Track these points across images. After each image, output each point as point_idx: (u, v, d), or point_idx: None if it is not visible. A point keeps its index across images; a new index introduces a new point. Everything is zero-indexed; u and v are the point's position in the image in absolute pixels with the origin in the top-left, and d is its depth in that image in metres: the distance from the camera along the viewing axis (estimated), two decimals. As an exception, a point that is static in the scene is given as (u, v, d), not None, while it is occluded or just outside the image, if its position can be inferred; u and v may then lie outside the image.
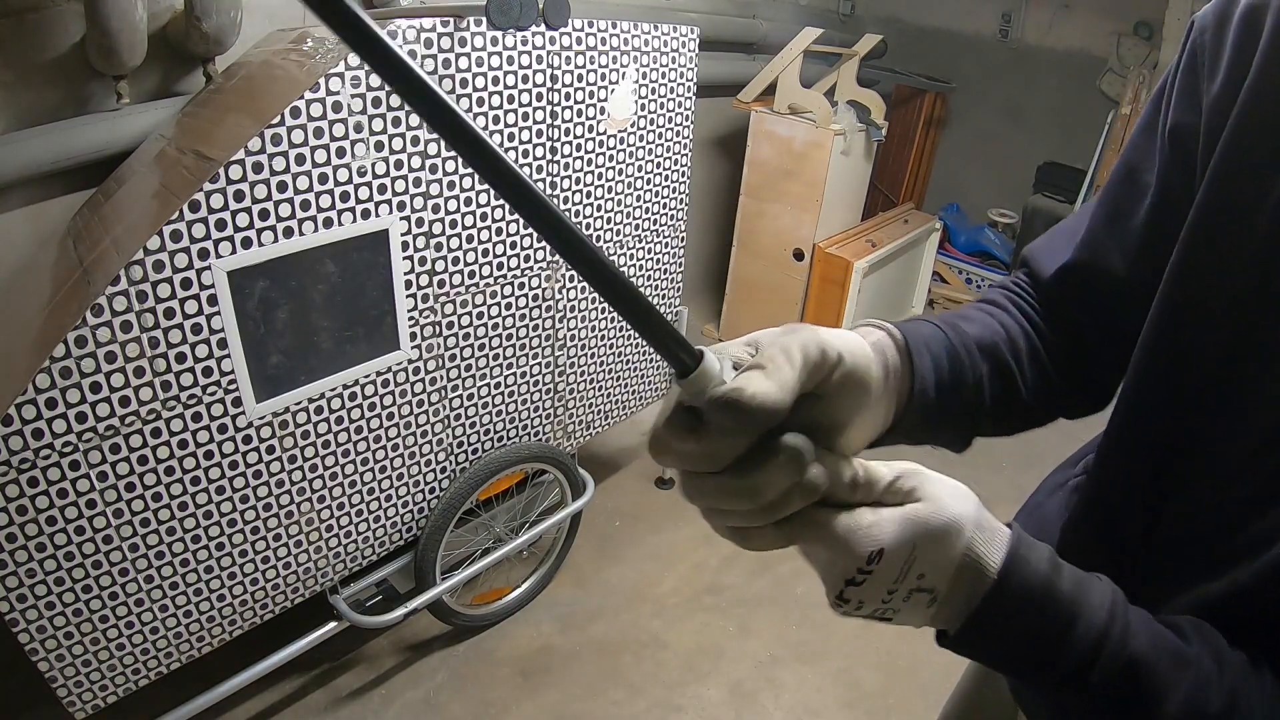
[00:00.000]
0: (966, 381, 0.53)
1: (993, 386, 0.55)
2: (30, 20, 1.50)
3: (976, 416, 0.55)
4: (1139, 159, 0.54)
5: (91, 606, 1.19)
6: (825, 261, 2.99)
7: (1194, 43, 0.49)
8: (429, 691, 1.77)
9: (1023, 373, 0.57)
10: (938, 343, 0.52)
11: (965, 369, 0.53)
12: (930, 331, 0.53)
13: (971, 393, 0.54)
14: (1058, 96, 3.59)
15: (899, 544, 0.39)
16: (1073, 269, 0.58)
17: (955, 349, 0.53)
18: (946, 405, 0.52)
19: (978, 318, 0.58)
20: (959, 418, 0.55)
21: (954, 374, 0.52)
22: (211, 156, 1.17)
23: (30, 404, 1.02)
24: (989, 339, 0.56)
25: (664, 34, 1.73)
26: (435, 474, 1.63)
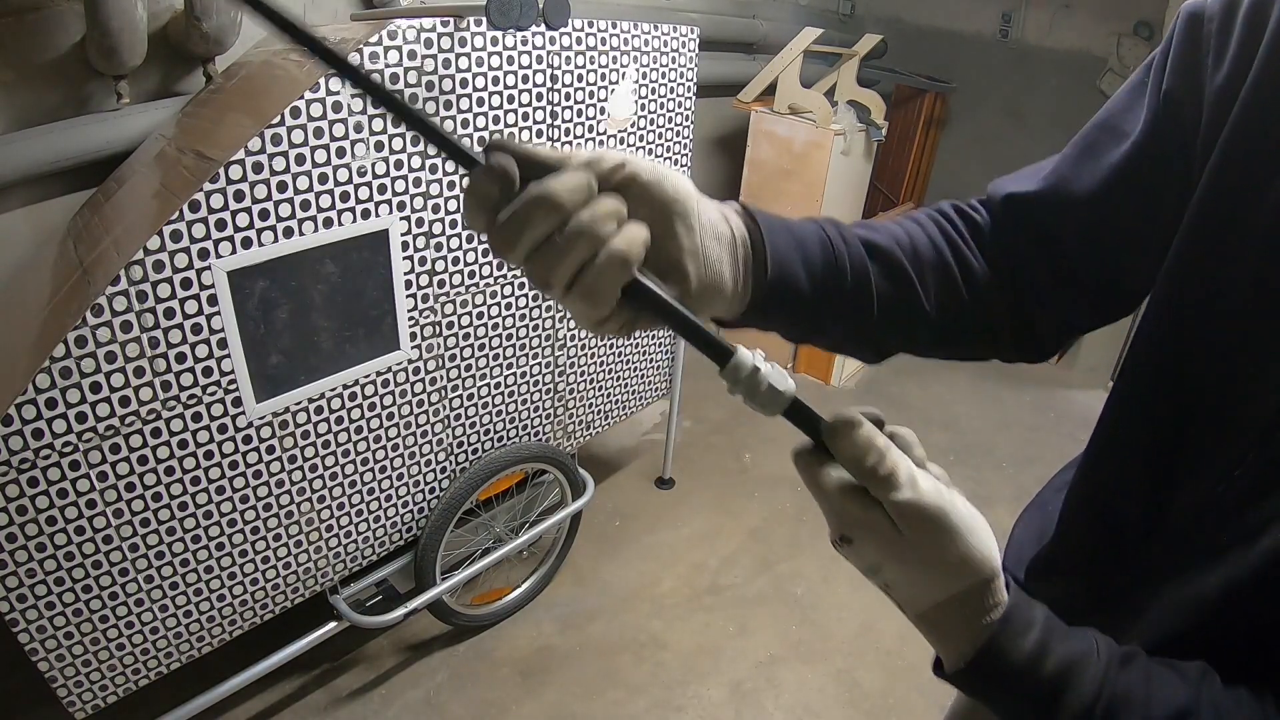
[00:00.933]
0: (845, 275, 0.52)
1: (882, 288, 0.53)
2: (30, 20, 1.50)
3: (866, 316, 0.53)
4: (1120, 110, 0.54)
5: (91, 606, 1.19)
6: (825, 261, 2.99)
7: (1197, 26, 0.49)
8: (429, 691, 1.77)
9: (923, 282, 0.54)
10: (807, 232, 0.51)
11: (844, 263, 0.52)
12: (802, 223, 0.52)
13: (853, 289, 0.52)
14: (1058, 96, 3.59)
15: (878, 553, 0.42)
16: (1030, 197, 0.57)
17: (830, 241, 0.52)
18: (822, 296, 0.51)
19: (879, 226, 0.56)
20: (843, 313, 0.53)
21: (827, 265, 0.51)
22: (211, 156, 1.17)
23: (30, 404, 1.02)
24: (883, 243, 0.54)
25: (664, 34, 1.73)
26: (435, 474, 1.64)
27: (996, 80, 3.77)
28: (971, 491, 2.53)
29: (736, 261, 0.47)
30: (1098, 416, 0.58)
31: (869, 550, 0.42)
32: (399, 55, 1.25)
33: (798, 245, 0.50)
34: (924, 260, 0.55)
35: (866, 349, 0.58)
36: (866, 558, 0.43)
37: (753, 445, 2.75)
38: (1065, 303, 0.57)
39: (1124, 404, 0.54)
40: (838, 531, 0.43)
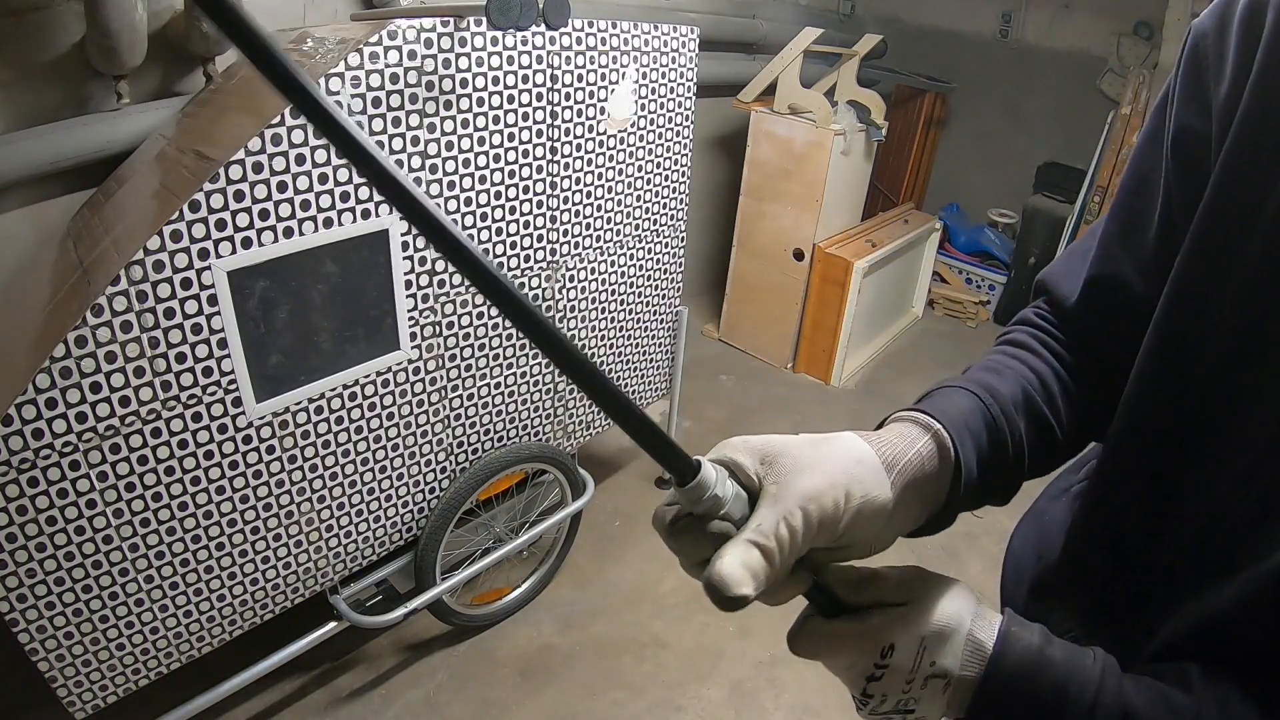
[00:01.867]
0: (1007, 449, 0.52)
1: (1031, 442, 0.54)
2: (30, 20, 1.50)
3: (1018, 474, 0.55)
4: (1147, 169, 0.54)
5: (91, 606, 1.19)
6: (825, 261, 2.99)
7: (1196, 49, 0.49)
8: (429, 691, 1.77)
9: (1058, 418, 0.56)
10: (977, 419, 0.51)
11: (1005, 437, 0.52)
12: (968, 407, 0.52)
13: (1013, 458, 0.53)
14: (1058, 96, 3.59)
15: (908, 636, 0.43)
16: (1092, 286, 0.57)
17: (994, 419, 0.52)
18: (989, 477, 0.51)
19: (1008, 370, 0.57)
20: (1002, 483, 0.54)
21: (994, 446, 0.52)
22: (211, 156, 1.17)
23: (30, 404, 1.02)
24: (1022, 394, 0.55)
25: (664, 34, 1.73)
26: (435, 474, 1.64)
27: (996, 80, 3.77)
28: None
29: (925, 500, 0.48)
30: None
31: (903, 634, 0.43)
32: (399, 55, 1.25)
33: (974, 440, 0.50)
34: (1054, 394, 0.57)
35: (1002, 500, 0.57)
36: (909, 641, 0.43)
37: (753, 445, 2.75)
38: None
39: (1127, 419, 0.53)
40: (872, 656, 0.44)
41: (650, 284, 2.01)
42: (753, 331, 3.34)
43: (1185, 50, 0.50)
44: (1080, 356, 0.59)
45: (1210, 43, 0.47)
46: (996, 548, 2.29)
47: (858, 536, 0.44)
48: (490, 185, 1.49)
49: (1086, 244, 0.59)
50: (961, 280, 3.89)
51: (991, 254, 3.85)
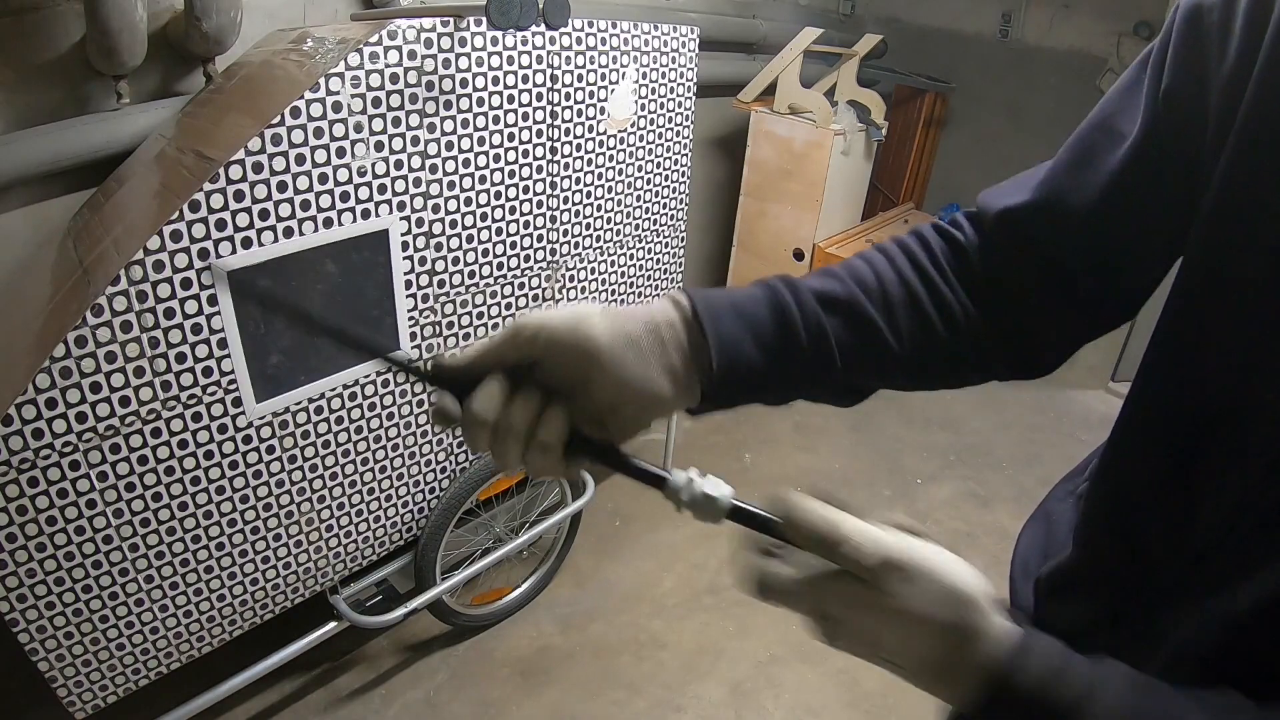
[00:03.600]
0: (799, 336, 0.51)
1: (843, 339, 0.52)
2: (30, 20, 1.50)
3: (830, 371, 0.53)
4: (1114, 112, 0.52)
5: (91, 606, 1.19)
6: (825, 261, 2.99)
7: (1196, 16, 0.47)
8: (429, 691, 1.77)
9: (892, 323, 0.54)
10: (756, 303, 0.51)
11: (797, 324, 0.51)
12: (750, 293, 0.52)
13: (812, 349, 0.51)
14: (1058, 96, 3.59)
15: (863, 626, 0.41)
16: (1024, 211, 0.55)
17: (781, 306, 0.51)
18: (779, 364, 0.51)
19: (839, 271, 0.56)
20: (806, 374, 0.53)
21: (780, 331, 0.51)
22: (211, 156, 1.17)
23: (30, 404, 1.02)
24: (839, 292, 0.53)
25: (664, 34, 1.73)
26: (435, 474, 1.63)
27: (996, 80, 3.76)
28: (971, 491, 2.55)
29: (674, 365, 0.48)
30: (1099, 417, 0.57)
31: (854, 617, 0.42)
32: (399, 55, 1.25)
33: (745, 323, 0.50)
34: (892, 299, 0.54)
35: (840, 397, 0.57)
36: (855, 628, 0.42)
37: (753, 445, 2.75)
38: (1064, 317, 0.56)
39: (1139, 416, 0.52)
40: (819, 615, 0.42)
41: (650, 284, 2.01)
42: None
43: (1181, 15, 0.48)
44: (987, 270, 0.56)
45: (1216, 15, 0.45)
46: (997, 547, 2.29)
47: (560, 370, 0.46)
48: (490, 185, 1.49)
49: (1033, 171, 0.58)
50: (961, 280, 3.89)
51: (991, 254, 3.84)
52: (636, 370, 0.46)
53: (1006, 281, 0.55)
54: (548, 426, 0.46)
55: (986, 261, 0.56)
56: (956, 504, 2.50)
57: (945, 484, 2.60)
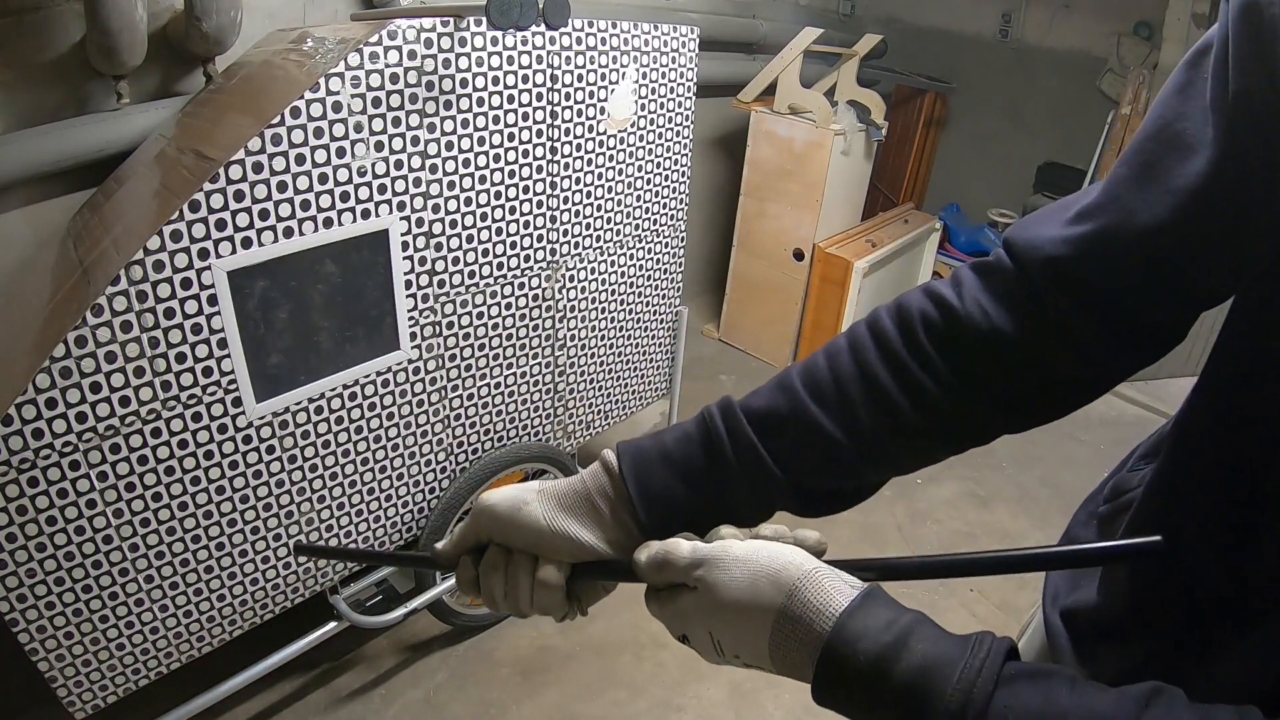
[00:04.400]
0: (730, 467, 0.53)
1: (784, 455, 0.53)
2: (30, 20, 1.50)
3: (777, 489, 0.53)
4: (1173, 119, 0.46)
5: (91, 606, 1.19)
6: (825, 261, 2.99)
7: (1256, 18, 0.42)
8: (429, 691, 1.77)
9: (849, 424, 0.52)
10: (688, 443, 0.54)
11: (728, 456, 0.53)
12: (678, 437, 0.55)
13: (745, 474, 0.53)
14: (1058, 96, 3.59)
15: (697, 627, 0.47)
16: (1078, 241, 0.48)
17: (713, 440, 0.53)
18: (718, 497, 0.54)
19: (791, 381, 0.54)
20: (752, 499, 0.54)
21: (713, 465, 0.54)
22: (211, 156, 1.17)
23: (30, 404, 1.02)
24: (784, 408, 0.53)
25: (664, 34, 1.73)
26: (435, 474, 1.64)
27: (996, 80, 3.76)
28: (971, 492, 2.55)
29: (604, 521, 0.53)
30: (1098, 417, 0.56)
31: (692, 624, 0.47)
32: (399, 55, 1.25)
33: (674, 469, 0.54)
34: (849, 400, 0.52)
35: (810, 506, 0.56)
36: (698, 635, 0.47)
37: (753, 445, 2.75)
38: (1109, 358, 0.50)
39: (1188, 451, 0.48)
40: (680, 637, 0.49)
41: (650, 284, 2.01)
42: (753, 331, 3.34)
43: (1236, 14, 0.43)
44: (1023, 318, 0.50)
45: (1277, 9, 0.41)
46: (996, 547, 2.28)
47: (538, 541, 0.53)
48: (490, 185, 1.49)
49: (1068, 201, 0.52)
50: (961, 280, 3.89)
51: (991, 254, 3.84)
52: (571, 531, 0.53)
53: (1052, 322, 0.50)
54: (543, 570, 0.53)
55: (1023, 304, 0.50)
56: (956, 504, 2.50)
57: (945, 484, 2.60)
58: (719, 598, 0.45)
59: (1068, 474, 2.67)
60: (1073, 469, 2.70)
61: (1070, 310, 0.49)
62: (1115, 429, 2.95)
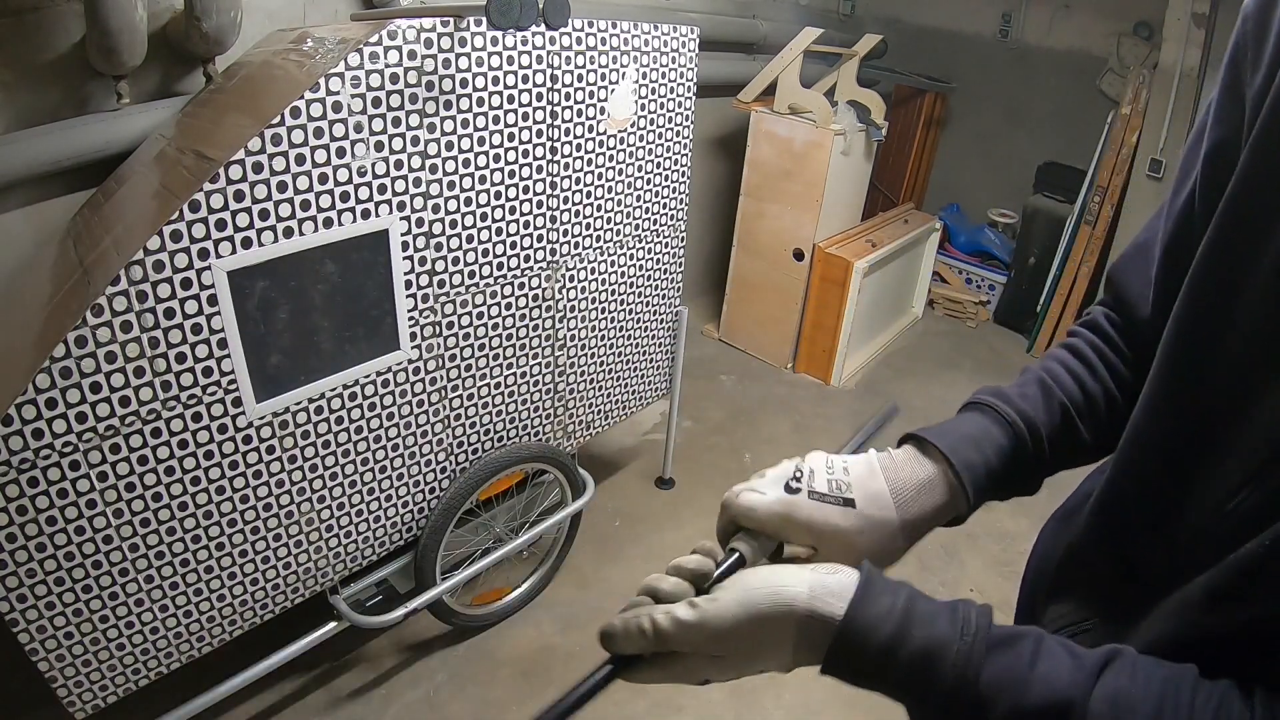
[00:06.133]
0: (1027, 457, 0.59)
1: (1055, 451, 0.60)
2: (30, 20, 1.50)
3: (1039, 474, 0.61)
4: (1187, 166, 0.53)
5: (91, 606, 1.19)
6: (825, 261, 2.99)
7: (1236, 36, 0.46)
8: (429, 691, 1.77)
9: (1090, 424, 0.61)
10: (991, 447, 0.57)
11: (1026, 454, 0.59)
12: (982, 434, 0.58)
13: (1033, 464, 0.59)
14: (1058, 96, 3.59)
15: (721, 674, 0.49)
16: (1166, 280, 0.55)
17: (1019, 439, 0.58)
18: (1005, 483, 0.59)
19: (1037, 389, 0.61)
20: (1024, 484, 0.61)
21: (1013, 461, 0.58)
22: (211, 156, 1.17)
23: (30, 404, 1.02)
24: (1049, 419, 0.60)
25: (664, 34, 1.73)
26: (435, 474, 1.64)
27: (996, 80, 3.77)
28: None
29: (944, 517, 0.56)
30: None
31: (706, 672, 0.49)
32: (399, 55, 1.25)
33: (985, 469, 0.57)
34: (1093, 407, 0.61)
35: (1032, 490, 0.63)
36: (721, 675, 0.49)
37: (753, 445, 2.75)
38: None
39: (1138, 425, 0.53)
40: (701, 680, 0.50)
41: (650, 284, 2.01)
42: (753, 331, 3.34)
43: (1232, 40, 0.47)
44: (1140, 353, 0.59)
45: (1250, 28, 0.45)
46: (996, 547, 2.29)
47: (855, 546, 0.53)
48: (490, 185, 1.49)
49: (1149, 232, 0.59)
50: (961, 280, 3.89)
51: (992, 254, 3.85)
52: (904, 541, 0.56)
53: None
54: None
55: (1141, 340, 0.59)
56: (956, 504, 2.50)
57: (945, 484, 2.60)
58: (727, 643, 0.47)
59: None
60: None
61: None
62: (1115, 429, 2.94)
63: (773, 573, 0.48)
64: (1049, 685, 0.41)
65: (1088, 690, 0.40)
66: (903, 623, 0.44)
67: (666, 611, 0.48)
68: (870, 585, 0.46)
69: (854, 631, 0.44)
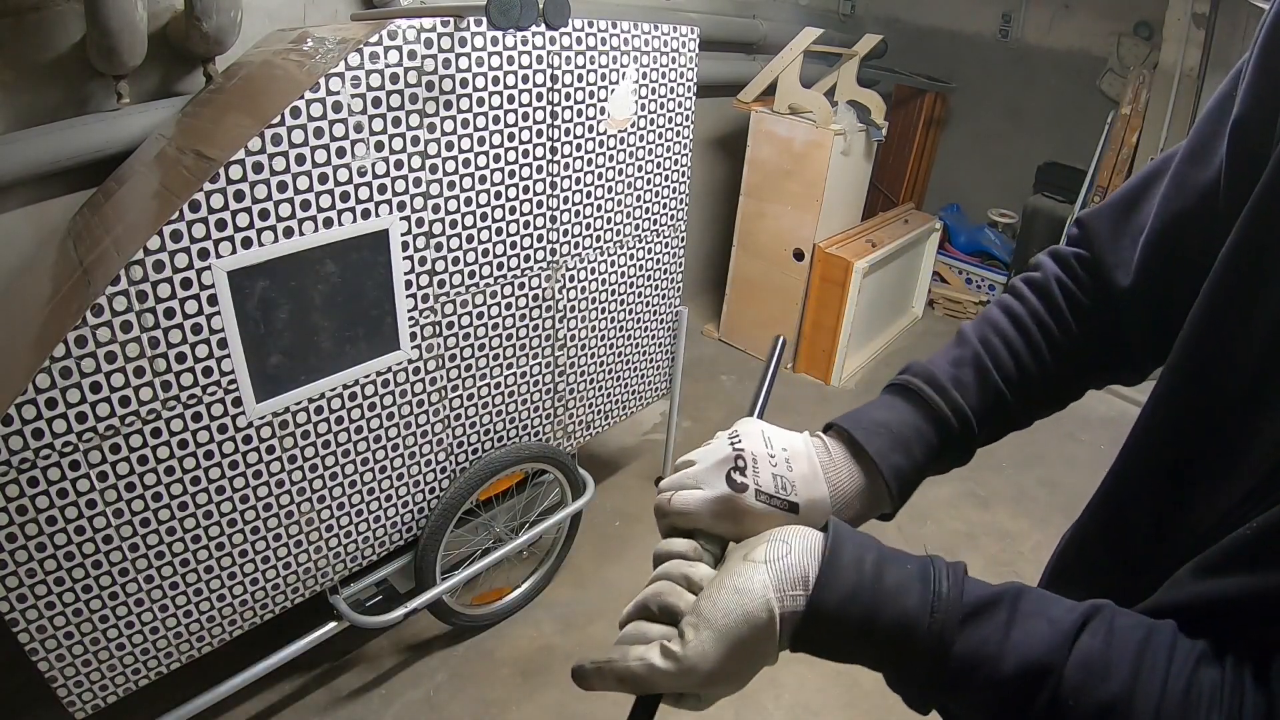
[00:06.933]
0: (955, 451, 0.59)
1: (986, 432, 0.60)
2: (30, 20, 1.50)
3: (967, 456, 0.61)
4: (1207, 135, 0.52)
5: (91, 606, 1.19)
6: (825, 261, 2.99)
7: (1274, 23, 0.45)
8: (429, 691, 1.77)
9: (1028, 404, 0.61)
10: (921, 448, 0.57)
11: (956, 445, 0.59)
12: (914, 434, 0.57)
13: (957, 453, 0.60)
14: (1058, 96, 3.59)
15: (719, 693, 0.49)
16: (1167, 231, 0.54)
17: (949, 434, 0.58)
18: (930, 472, 0.59)
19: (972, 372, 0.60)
20: (947, 469, 0.61)
21: (941, 455, 0.58)
22: (211, 156, 1.17)
23: (30, 404, 1.02)
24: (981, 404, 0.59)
25: (664, 34, 1.73)
26: (435, 474, 1.64)
27: (996, 80, 3.77)
28: (971, 492, 2.55)
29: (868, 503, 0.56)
30: (1098, 418, 0.58)
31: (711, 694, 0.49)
32: (399, 55, 1.25)
33: (917, 474, 0.57)
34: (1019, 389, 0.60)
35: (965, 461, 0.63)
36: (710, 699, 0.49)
37: (753, 445, 2.74)
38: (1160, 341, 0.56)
39: (1149, 424, 0.53)
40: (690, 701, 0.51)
41: (650, 284, 2.01)
42: (753, 332, 3.34)
43: (1268, 20, 0.46)
44: (1105, 305, 0.59)
45: None
46: (996, 547, 2.29)
47: None
48: (490, 185, 1.49)
49: (1133, 189, 0.58)
50: (961, 280, 3.89)
51: (991, 254, 3.85)
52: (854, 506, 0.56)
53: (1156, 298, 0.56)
54: None
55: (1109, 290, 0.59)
56: (956, 504, 2.50)
57: (945, 484, 2.60)
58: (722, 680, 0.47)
59: (1067, 474, 2.67)
60: (1072, 469, 2.70)
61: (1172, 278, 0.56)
62: (1115, 429, 2.95)
63: (734, 591, 0.45)
64: (1024, 652, 0.41)
65: (1064, 654, 0.40)
66: (871, 604, 0.43)
67: (640, 658, 0.47)
68: (833, 563, 0.45)
69: (820, 620, 0.44)
